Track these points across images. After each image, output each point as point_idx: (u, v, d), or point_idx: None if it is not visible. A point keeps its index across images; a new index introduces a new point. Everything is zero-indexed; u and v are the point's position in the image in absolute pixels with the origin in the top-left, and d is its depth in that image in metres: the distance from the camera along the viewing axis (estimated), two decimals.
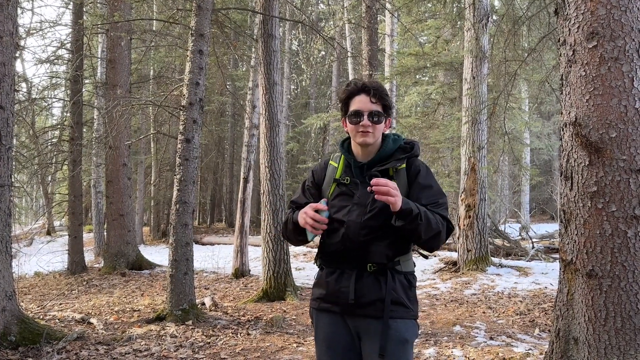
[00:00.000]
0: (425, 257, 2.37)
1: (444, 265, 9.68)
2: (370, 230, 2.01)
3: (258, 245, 10.96)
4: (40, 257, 11.68)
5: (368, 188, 1.90)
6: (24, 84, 12.82)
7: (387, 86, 11.89)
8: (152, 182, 19.26)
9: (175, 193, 6.12)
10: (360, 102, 2.08)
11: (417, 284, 2.26)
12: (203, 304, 6.80)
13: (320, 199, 2.16)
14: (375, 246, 2.01)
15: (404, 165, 2.09)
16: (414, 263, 2.16)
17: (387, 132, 2.19)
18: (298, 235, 2.12)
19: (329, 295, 2.09)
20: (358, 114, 2.07)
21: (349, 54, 15.33)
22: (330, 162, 2.22)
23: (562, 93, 3.26)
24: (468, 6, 9.30)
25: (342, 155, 2.19)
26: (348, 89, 2.14)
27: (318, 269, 2.19)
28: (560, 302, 3.25)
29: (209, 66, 8.39)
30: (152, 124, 16.72)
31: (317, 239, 2.20)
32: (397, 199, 1.85)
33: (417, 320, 2.11)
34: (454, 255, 9.89)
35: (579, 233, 3.08)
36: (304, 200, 2.20)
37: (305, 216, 2.00)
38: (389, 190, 1.84)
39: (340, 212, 2.08)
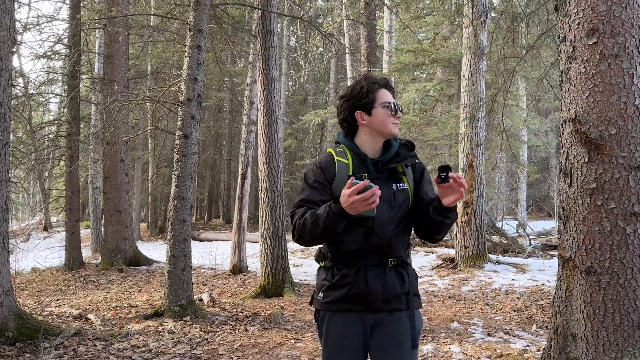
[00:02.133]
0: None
1: (442, 262, 9.69)
2: (396, 224, 2.06)
3: (256, 242, 10.95)
4: (38, 253, 11.65)
5: (440, 182, 1.94)
6: (20, 79, 12.73)
7: None
8: (149, 178, 19.22)
9: (173, 189, 6.10)
10: (389, 96, 2.11)
11: None
12: (201, 300, 6.80)
13: (332, 196, 2.04)
14: (397, 240, 2.07)
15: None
16: None
17: None
18: (330, 233, 1.94)
19: (354, 296, 2.02)
20: (393, 106, 2.10)
21: (347, 50, 15.32)
22: (337, 158, 2.11)
23: (561, 90, 3.25)
24: (467, 3, 9.29)
25: (348, 151, 2.11)
26: (376, 80, 2.11)
27: (326, 270, 2.10)
28: (559, 298, 3.26)
29: (207, 62, 8.36)
30: (149, 120, 16.68)
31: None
32: (460, 197, 1.97)
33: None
34: (451, 252, 9.91)
35: (578, 230, 3.08)
36: (319, 197, 2.05)
37: (354, 201, 1.79)
38: (464, 185, 1.94)
39: None
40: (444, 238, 11.43)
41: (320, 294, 2.10)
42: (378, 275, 2.03)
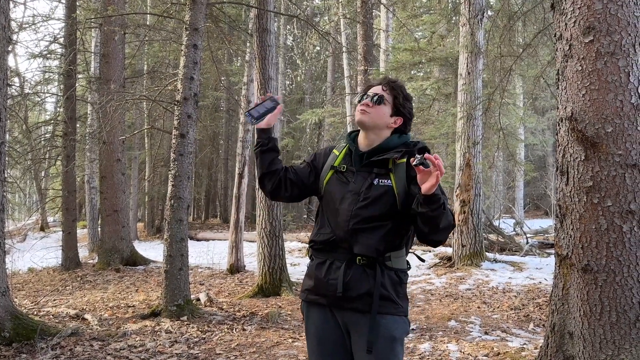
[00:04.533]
0: (422, 260, 2.38)
1: (439, 261, 9.70)
2: (361, 219, 2.00)
3: (253, 241, 10.93)
4: (34, 253, 11.61)
5: (413, 160, 1.80)
6: (16, 79, 12.71)
7: None
8: (146, 177, 19.17)
9: (169, 189, 6.09)
10: (372, 89, 2.14)
11: (412, 279, 2.28)
12: (198, 299, 6.78)
13: (315, 178, 2.20)
14: (364, 238, 1.99)
15: (404, 160, 2.05)
16: (408, 262, 2.12)
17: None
18: (260, 162, 2.19)
19: (317, 287, 2.07)
20: (364, 95, 2.13)
21: (344, 49, 15.30)
22: (334, 150, 2.23)
23: (558, 88, 3.25)
24: (463, 1, 9.28)
25: (347, 145, 2.18)
26: (371, 81, 2.23)
27: (310, 261, 2.17)
28: (556, 296, 3.26)
29: (203, 61, 8.35)
30: (146, 119, 16.62)
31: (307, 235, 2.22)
32: (438, 181, 1.80)
33: (408, 318, 2.07)
34: (448, 251, 9.91)
35: (575, 228, 3.08)
36: (299, 168, 2.25)
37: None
38: (442, 168, 1.79)
39: (335, 198, 2.08)
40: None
41: (302, 283, 2.20)
42: (341, 270, 2.00)
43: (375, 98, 2.08)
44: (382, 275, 1.99)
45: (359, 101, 2.12)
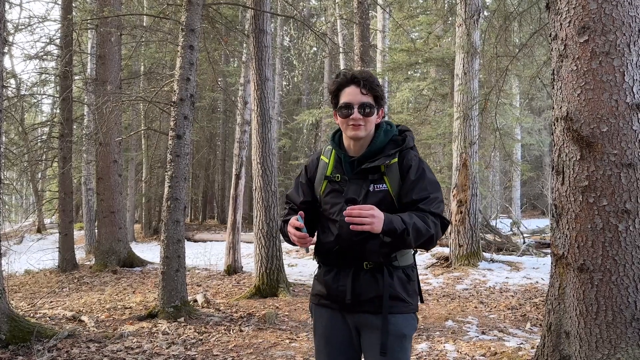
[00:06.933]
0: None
1: (436, 261, 9.71)
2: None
3: (250, 242, 10.94)
4: (31, 255, 11.58)
5: (346, 219, 1.84)
6: (12, 80, 12.66)
7: None
8: (143, 179, 19.16)
9: (166, 190, 6.08)
10: (350, 94, 2.01)
11: None
12: (195, 300, 6.77)
13: (313, 196, 2.15)
14: (370, 245, 1.96)
15: (395, 160, 2.03)
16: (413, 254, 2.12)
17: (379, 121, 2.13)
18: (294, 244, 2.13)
19: (327, 293, 2.08)
20: (348, 107, 2.01)
21: (340, 49, 15.30)
22: (322, 157, 2.17)
23: (553, 88, 3.26)
24: (459, 2, 9.30)
25: (333, 150, 2.13)
26: (337, 81, 2.07)
27: (318, 266, 2.18)
28: (552, 296, 3.27)
29: (200, 62, 8.34)
30: (142, 120, 16.61)
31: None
32: (373, 225, 1.80)
33: (416, 313, 2.09)
34: (445, 251, 9.93)
35: (571, 227, 3.09)
36: (298, 199, 2.17)
37: (291, 235, 1.99)
38: (362, 220, 1.79)
39: (332, 210, 2.04)
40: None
41: (312, 286, 2.20)
42: (349, 277, 2.01)
43: (366, 111, 2.00)
44: (390, 276, 1.99)
45: (345, 114, 2.01)
